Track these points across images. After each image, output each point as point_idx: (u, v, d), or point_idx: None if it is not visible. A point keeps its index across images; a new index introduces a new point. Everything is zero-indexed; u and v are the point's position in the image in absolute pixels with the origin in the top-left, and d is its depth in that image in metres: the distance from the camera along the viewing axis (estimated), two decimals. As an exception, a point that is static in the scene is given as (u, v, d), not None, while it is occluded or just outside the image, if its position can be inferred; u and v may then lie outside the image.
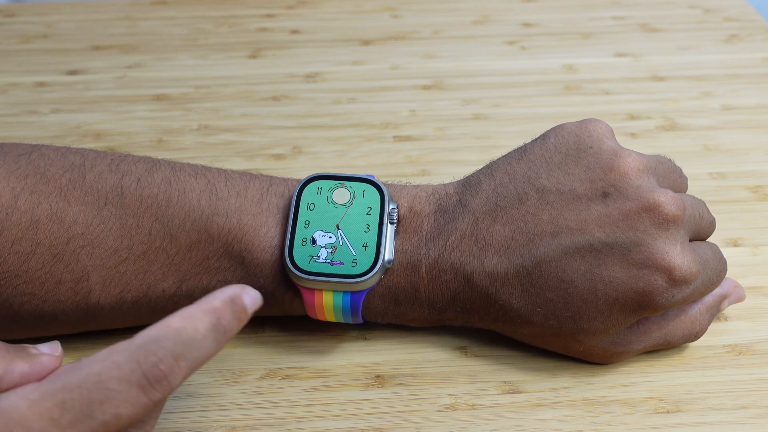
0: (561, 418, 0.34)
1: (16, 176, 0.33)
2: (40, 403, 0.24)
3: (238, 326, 0.27)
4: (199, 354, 0.26)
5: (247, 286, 0.28)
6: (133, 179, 0.34)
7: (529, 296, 0.33)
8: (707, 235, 0.36)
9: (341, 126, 0.52)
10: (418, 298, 0.34)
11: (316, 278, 0.33)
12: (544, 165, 0.34)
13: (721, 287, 0.36)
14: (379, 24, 0.65)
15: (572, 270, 0.32)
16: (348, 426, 0.33)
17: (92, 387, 0.24)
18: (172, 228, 0.33)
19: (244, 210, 0.34)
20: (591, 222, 0.32)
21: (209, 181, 0.34)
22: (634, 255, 0.32)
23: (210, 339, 0.26)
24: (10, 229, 0.32)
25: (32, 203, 0.33)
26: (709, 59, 0.60)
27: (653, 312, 0.33)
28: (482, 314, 0.34)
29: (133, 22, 0.65)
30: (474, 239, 0.33)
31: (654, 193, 0.32)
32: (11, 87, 0.56)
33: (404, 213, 0.34)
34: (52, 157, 0.34)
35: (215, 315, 0.26)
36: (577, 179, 0.33)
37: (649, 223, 0.32)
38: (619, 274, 0.32)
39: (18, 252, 0.32)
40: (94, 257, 0.33)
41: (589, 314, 0.33)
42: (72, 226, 0.33)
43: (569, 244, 0.32)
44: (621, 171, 0.33)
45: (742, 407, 0.34)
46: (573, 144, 0.34)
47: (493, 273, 0.33)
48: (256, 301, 0.28)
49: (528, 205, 0.33)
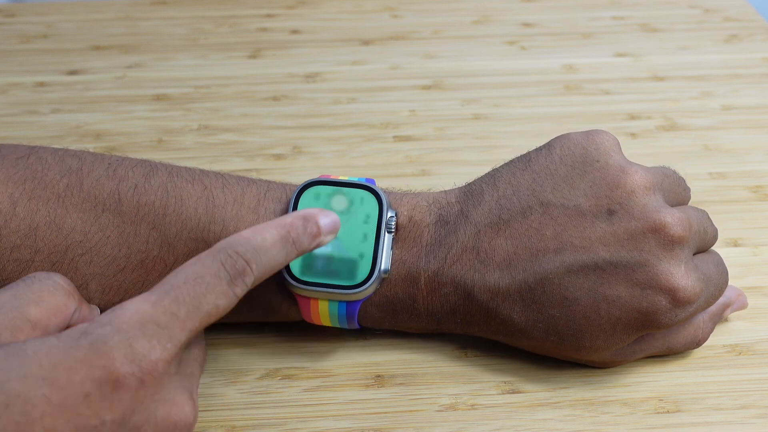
0: (561, 418, 0.34)
1: (14, 181, 0.33)
2: (160, 302, 0.27)
3: (310, 242, 0.31)
4: (267, 260, 0.29)
5: (326, 210, 0.32)
6: (131, 185, 0.33)
7: (531, 312, 0.33)
8: (710, 246, 0.36)
9: (341, 126, 0.52)
10: (416, 309, 0.34)
11: (312, 288, 0.33)
12: (549, 177, 0.33)
13: (724, 296, 0.36)
14: (379, 24, 0.65)
15: (575, 288, 0.32)
16: (348, 426, 0.33)
17: (195, 282, 0.27)
18: (169, 236, 0.33)
19: (240, 218, 0.33)
20: (595, 240, 0.32)
21: (206, 187, 0.34)
22: (638, 275, 0.32)
23: (278, 248, 0.29)
24: (9, 236, 0.32)
25: (31, 210, 0.32)
26: (709, 59, 0.60)
27: (656, 330, 0.33)
28: (482, 326, 0.34)
29: (133, 22, 0.65)
30: (475, 253, 0.33)
31: (660, 214, 0.32)
32: (11, 87, 0.56)
33: (404, 222, 0.34)
34: (50, 161, 0.34)
35: (284, 228, 0.30)
36: (582, 194, 0.33)
37: (655, 243, 0.32)
38: (622, 294, 0.32)
39: (17, 260, 0.32)
40: (92, 265, 0.33)
41: (592, 332, 0.32)
42: (70, 234, 0.32)
43: (573, 261, 0.32)
44: (627, 188, 0.32)
45: (742, 407, 0.34)
46: (579, 156, 0.33)
47: (494, 288, 0.33)
48: (333, 223, 0.32)
49: (531, 220, 0.33)
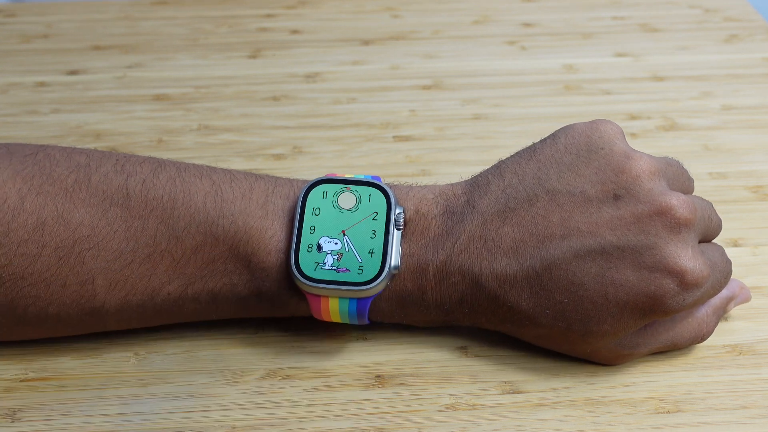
0: (561, 418, 0.34)
1: (23, 177, 0.33)
2: None
3: None
4: None
5: None
6: (139, 180, 0.34)
7: (538, 299, 0.33)
8: (714, 237, 0.36)
9: (341, 126, 0.52)
10: (425, 300, 0.34)
11: (322, 285, 0.33)
12: (554, 166, 0.34)
13: (727, 289, 0.36)
14: (379, 24, 0.65)
15: (582, 273, 0.32)
16: (348, 426, 0.33)
17: None
18: (177, 230, 0.33)
19: (249, 212, 0.33)
20: (602, 225, 0.32)
21: (214, 182, 0.34)
22: (646, 258, 0.32)
23: None
24: (17, 230, 0.32)
25: (38, 205, 0.32)
26: (709, 59, 0.60)
27: (663, 315, 0.33)
28: (489, 316, 0.34)
29: (133, 22, 0.65)
30: (483, 241, 0.33)
31: (666, 197, 0.32)
32: (11, 87, 0.56)
33: (411, 216, 0.34)
34: (58, 158, 0.34)
35: None
36: (587, 181, 0.33)
37: (661, 226, 0.32)
38: (630, 278, 0.32)
39: (24, 254, 0.32)
40: (99, 260, 0.33)
41: (599, 317, 0.33)
42: (78, 228, 0.33)
43: (580, 246, 0.32)
44: (632, 173, 0.33)
45: (742, 407, 0.34)
46: (583, 145, 0.34)
47: (502, 275, 0.33)
48: None
49: (538, 207, 0.33)
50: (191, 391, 0.35)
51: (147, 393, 0.35)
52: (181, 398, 0.34)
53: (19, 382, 0.35)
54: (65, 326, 0.34)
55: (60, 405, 0.34)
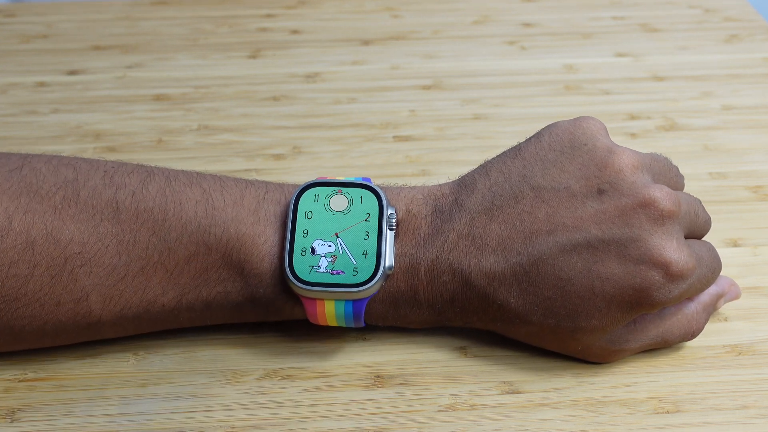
0: (561, 418, 0.34)
1: (9, 196, 0.32)
2: None
3: None
4: None
5: None
6: (128, 193, 0.33)
7: (527, 295, 0.33)
8: (702, 234, 0.36)
9: (341, 126, 0.52)
10: (418, 300, 0.34)
11: (317, 289, 0.33)
12: (539, 163, 0.34)
13: (717, 285, 0.36)
14: (379, 24, 0.65)
15: (569, 267, 0.32)
16: (348, 426, 0.33)
17: None
18: (169, 241, 0.33)
19: (241, 219, 0.33)
20: (587, 219, 0.32)
21: (204, 190, 0.34)
22: (631, 251, 0.32)
23: None
24: (6, 251, 0.32)
25: (27, 223, 0.32)
26: (709, 59, 0.60)
27: (650, 308, 0.33)
28: (480, 314, 0.34)
29: (133, 22, 0.65)
30: (471, 239, 0.33)
31: (649, 189, 0.32)
32: (11, 87, 0.56)
33: (402, 216, 0.34)
34: (44, 172, 0.33)
35: None
36: (572, 177, 0.33)
37: (645, 218, 0.32)
38: (615, 271, 0.32)
39: (15, 275, 0.32)
40: (92, 276, 0.32)
41: (587, 312, 0.33)
42: (69, 246, 0.32)
43: (565, 241, 0.32)
44: (615, 168, 0.33)
45: (742, 407, 0.34)
46: (567, 142, 0.34)
47: (490, 273, 0.33)
48: None
49: (524, 204, 0.33)
50: (190, 391, 0.35)
51: (146, 393, 0.35)
52: (180, 398, 0.34)
53: (18, 382, 0.35)
54: (63, 340, 0.34)
55: (59, 405, 0.34)
